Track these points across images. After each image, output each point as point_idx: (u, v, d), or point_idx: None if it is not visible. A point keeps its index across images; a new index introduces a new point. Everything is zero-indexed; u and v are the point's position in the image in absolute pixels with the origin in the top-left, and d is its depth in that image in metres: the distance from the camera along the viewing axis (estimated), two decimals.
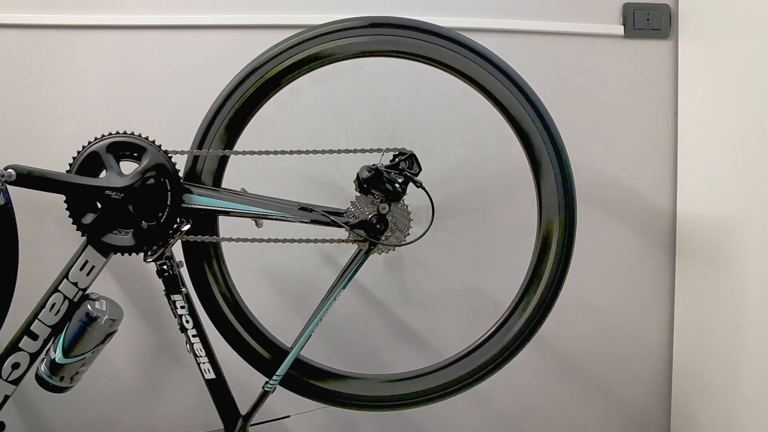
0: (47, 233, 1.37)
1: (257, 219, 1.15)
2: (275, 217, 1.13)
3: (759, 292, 1.24)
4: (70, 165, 1.06)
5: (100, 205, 1.06)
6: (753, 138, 1.25)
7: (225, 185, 1.16)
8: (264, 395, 1.15)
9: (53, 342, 1.06)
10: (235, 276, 1.20)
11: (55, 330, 1.07)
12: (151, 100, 1.41)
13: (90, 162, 1.06)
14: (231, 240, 1.15)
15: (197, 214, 1.12)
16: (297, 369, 1.19)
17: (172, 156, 1.10)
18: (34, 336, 1.06)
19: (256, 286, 1.45)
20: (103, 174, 1.07)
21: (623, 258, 1.53)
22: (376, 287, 1.48)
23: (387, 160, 1.16)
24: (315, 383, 1.20)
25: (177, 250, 1.12)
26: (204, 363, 1.13)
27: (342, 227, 1.14)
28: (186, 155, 1.14)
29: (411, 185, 1.15)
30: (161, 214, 1.08)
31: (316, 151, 1.14)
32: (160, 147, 1.09)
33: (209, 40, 1.42)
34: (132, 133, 1.09)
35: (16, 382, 1.07)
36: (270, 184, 1.22)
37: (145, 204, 1.07)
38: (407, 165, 1.15)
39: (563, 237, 1.19)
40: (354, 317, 1.48)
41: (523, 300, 1.20)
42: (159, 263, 1.09)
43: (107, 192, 1.05)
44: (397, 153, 1.16)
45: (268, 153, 1.13)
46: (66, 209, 1.06)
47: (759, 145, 1.23)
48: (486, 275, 1.50)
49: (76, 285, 1.07)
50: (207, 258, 1.16)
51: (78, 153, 1.07)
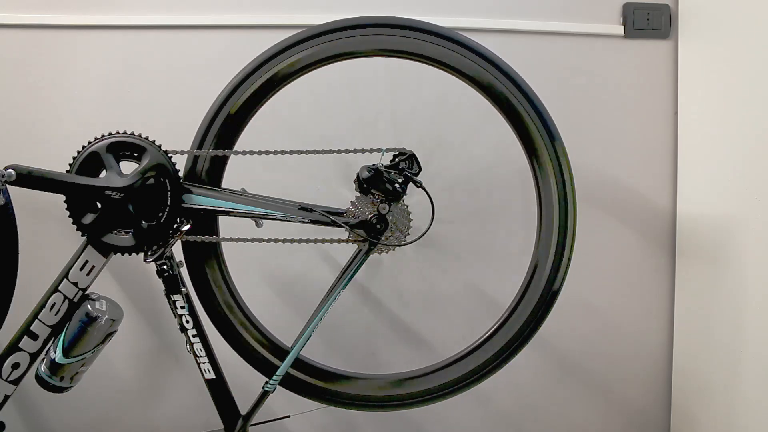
0: (47, 233, 1.37)
1: (257, 219, 1.15)
2: (275, 217, 1.13)
3: (759, 292, 1.24)
4: (70, 165, 1.06)
5: (100, 205, 1.06)
6: (753, 138, 1.25)
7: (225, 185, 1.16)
8: (264, 395, 1.15)
9: (53, 342, 1.06)
10: (235, 276, 1.20)
11: (55, 330, 1.07)
12: (151, 100, 1.41)
13: (90, 162, 1.06)
14: (231, 240, 1.15)
15: (197, 214, 1.12)
16: (297, 369, 1.19)
17: (172, 156, 1.10)
18: (34, 336, 1.06)
19: (256, 286, 1.44)
20: (103, 174, 1.07)
21: (623, 258, 1.53)
22: (376, 287, 1.48)
23: (387, 160, 1.16)
24: (315, 383, 1.20)
25: (177, 250, 1.12)
26: (204, 363, 1.13)
27: (342, 227, 1.14)
28: (186, 155, 1.14)
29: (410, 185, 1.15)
30: (161, 214, 1.08)
31: (316, 151, 1.14)
32: (160, 147, 1.09)
33: (209, 40, 1.42)
34: (132, 133, 1.09)
35: (16, 382, 1.07)
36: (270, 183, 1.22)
37: (145, 204, 1.07)
38: (407, 165, 1.15)
39: (563, 237, 1.19)
40: (354, 317, 1.48)
41: (523, 300, 1.20)
42: (159, 263, 1.09)
43: (107, 192, 1.05)
44: (397, 153, 1.16)
45: (268, 153, 1.13)
46: (66, 209, 1.06)
47: (759, 145, 1.23)
48: (486, 275, 1.50)
49: (76, 285, 1.07)
50: (207, 258, 1.17)
51: (78, 153, 1.07)
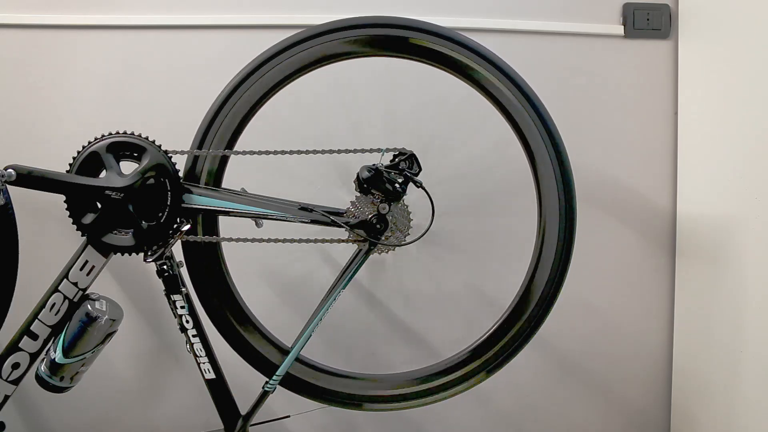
0: (47, 233, 1.37)
1: (257, 219, 1.15)
2: (275, 217, 1.13)
3: (759, 292, 1.24)
4: (70, 165, 1.06)
5: (100, 205, 1.06)
6: (753, 138, 1.25)
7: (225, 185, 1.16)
8: (264, 395, 1.15)
9: (53, 342, 1.06)
10: (235, 276, 1.20)
11: (55, 330, 1.07)
12: (151, 100, 1.41)
13: (90, 162, 1.06)
14: (231, 240, 1.15)
15: (197, 214, 1.12)
16: (297, 369, 1.19)
17: (172, 156, 1.10)
18: (34, 336, 1.06)
19: (256, 286, 1.44)
20: (103, 174, 1.07)
21: (623, 258, 1.53)
22: (376, 287, 1.48)
23: (387, 159, 1.16)
24: (315, 383, 1.20)
25: (177, 250, 1.12)
26: (204, 363, 1.13)
27: (342, 227, 1.14)
28: (186, 155, 1.14)
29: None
30: (161, 214, 1.08)
31: (316, 151, 1.14)
32: (160, 147, 1.09)
33: (209, 40, 1.42)
34: (132, 133, 1.09)
35: (16, 382, 1.07)
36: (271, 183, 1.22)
37: (145, 204, 1.07)
38: (407, 165, 1.15)
39: (563, 237, 1.19)
40: (354, 317, 1.48)
41: (523, 300, 1.20)
42: (159, 263, 1.09)
43: (107, 192, 1.05)
44: (397, 153, 1.16)
45: (268, 153, 1.13)
46: (66, 209, 1.06)
47: (759, 145, 1.23)
48: (486, 275, 1.50)
49: (76, 285, 1.07)
50: (207, 258, 1.17)
51: (78, 153, 1.07)
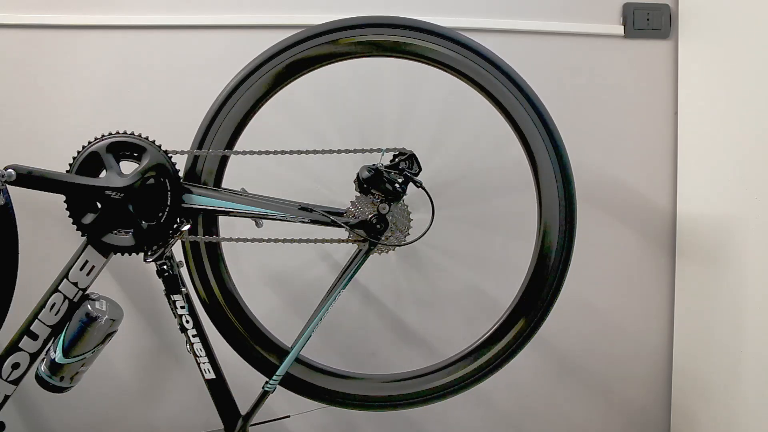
0: (47, 233, 1.37)
1: (257, 219, 1.15)
2: (275, 217, 1.13)
3: (759, 292, 1.24)
4: (70, 165, 1.06)
5: (100, 205, 1.06)
6: (753, 138, 1.25)
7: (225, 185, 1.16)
8: (264, 395, 1.15)
9: (53, 342, 1.06)
10: (235, 276, 1.20)
11: (55, 330, 1.07)
12: (151, 100, 1.41)
13: (90, 162, 1.06)
14: (231, 240, 1.15)
15: (197, 214, 1.12)
16: (297, 369, 1.19)
17: (172, 156, 1.10)
18: (34, 336, 1.06)
19: (256, 286, 1.44)
20: (103, 174, 1.07)
21: (623, 258, 1.53)
22: (376, 287, 1.48)
23: (387, 159, 1.16)
24: (315, 383, 1.20)
25: (177, 250, 1.12)
26: (204, 363, 1.13)
27: (342, 227, 1.14)
28: (186, 155, 1.14)
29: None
30: (161, 214, 1.08)
31: (316, 151, 1.14)
32: (160, 147, 1.09)
33: (209, 40, 1.42)
34: (132, 133, 1.09)
35: (16, 382, 1.07)
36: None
37: (145, 204, 1.07)
38: (407, 165, 1.15)
39: (563, 237, 1.19)
40: (354, 317, 1.48)
41: (523, 300, 1.20)
42: (159, 263, 1.09)
43: (107, 192, 1.05)
44: (397, 153, 1.16)
45: (268, 153, 1.13)
46: (66, 209, 1.06)
47: (759, 145, 1.23)
48: (486, 275, 1.50)
49: (76, 285, 1.07)
50: (207, 258, 1.16)
51: (78, 153, 1.07)
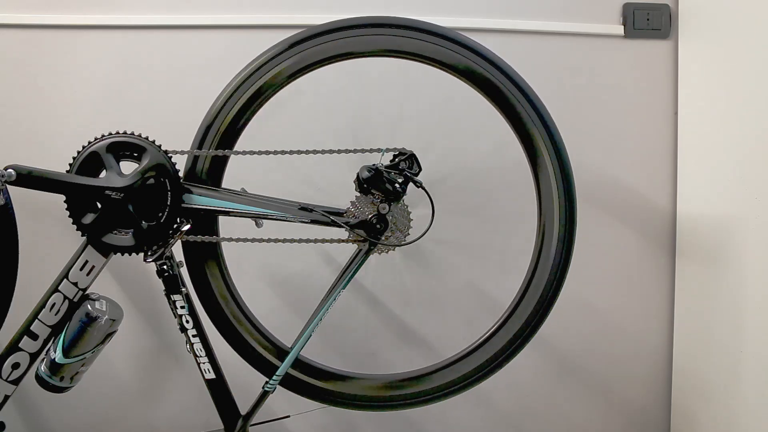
0: (47, 233, 1.37)
1: (257, 219, 1.15)
2: (275, 217, 1.13)
3: (759, 292, 1.24)
4: (70, 165, 1.06)
5: (100, 205, 1.06)
6: (753, 138, 1.25)
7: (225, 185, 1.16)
8: (264, 395, 1.15)
9: (53, 342, 1.06)
10: (235, 276, 1.20)
11: (55, 330, 1.07)
12: (151, 100, 1.41)
13: (90, 162, 1.06)
14: (231, 240, 1.15)
15: (197, 214, 1.12)
16: (297, 369, 1.19)
17: (172, 156, 1.10)
18: (34, 336, 1.06)
19: (256, 286, 1.44)
20: (103, 174, 1.07)
21: (623, 258, 1.53)
22: (376, 287, 1.48)
23: (387, 159, 1.16)
24: (315, 383, 1.20)
25: (177, 250, 1.12)
26: (204, 363, 1.13)
27: (342, 227, 1.14)
28: (186, 155, 1.14)
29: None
30: (161, 214, 1.08)
31: (316, 151, 1.14)
32: (160, 147, 1.09)
33: (209, 40, 1.42)
34: (132, 133, 1.09)
35: (16, 382, 1.07)
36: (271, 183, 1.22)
37: (145, 204, 1.07)
38: (407, 165, 1.15)
39: (563, 237, 1.19)
40: (354, 317, 1.48)
41: (523, 300, 1.20)
42: (159, 263, 1.09)
43: (107, 192, 1.05)
44: (397, 153, 1.16)
45: (268, 153, 1.13)
46: (66, 209, 1.06)
47: (759, 145, 1.23)
48: (486, 275, 1.50)
49: (76, 285, 1.07)
50: (207, 258, 1.16)
51: (78, 153, 1.07)
